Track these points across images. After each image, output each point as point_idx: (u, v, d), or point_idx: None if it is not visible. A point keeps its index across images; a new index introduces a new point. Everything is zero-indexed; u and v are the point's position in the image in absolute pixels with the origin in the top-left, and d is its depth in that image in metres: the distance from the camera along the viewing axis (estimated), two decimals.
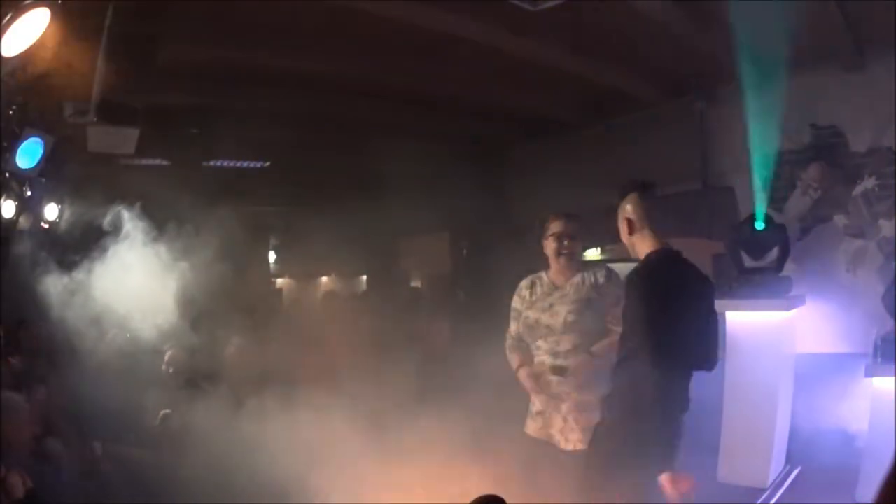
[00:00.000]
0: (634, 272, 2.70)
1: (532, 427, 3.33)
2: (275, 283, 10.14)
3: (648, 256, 2.69)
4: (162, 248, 4.39)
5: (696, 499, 3.16)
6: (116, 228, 4.42)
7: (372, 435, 3.83)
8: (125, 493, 4.09)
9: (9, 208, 4.42)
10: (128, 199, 4.51)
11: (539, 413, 3.31)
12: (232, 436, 3.92)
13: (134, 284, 4.30)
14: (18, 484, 3.06)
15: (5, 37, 2.60)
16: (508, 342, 3.45)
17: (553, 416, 3.24)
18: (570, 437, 3.18)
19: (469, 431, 3.65)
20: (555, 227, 3.34)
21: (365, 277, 10.06)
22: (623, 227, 2.78)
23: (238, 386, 4.55)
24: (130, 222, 4.42)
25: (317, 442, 3.69)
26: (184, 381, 4.56)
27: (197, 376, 4.61)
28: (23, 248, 4.44)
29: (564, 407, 3.21)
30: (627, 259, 2.97)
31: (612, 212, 2.89)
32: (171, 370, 4.61)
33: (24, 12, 2.60)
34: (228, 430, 3.98)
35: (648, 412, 2.51)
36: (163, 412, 4.38)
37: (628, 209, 2.77)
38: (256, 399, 4.13)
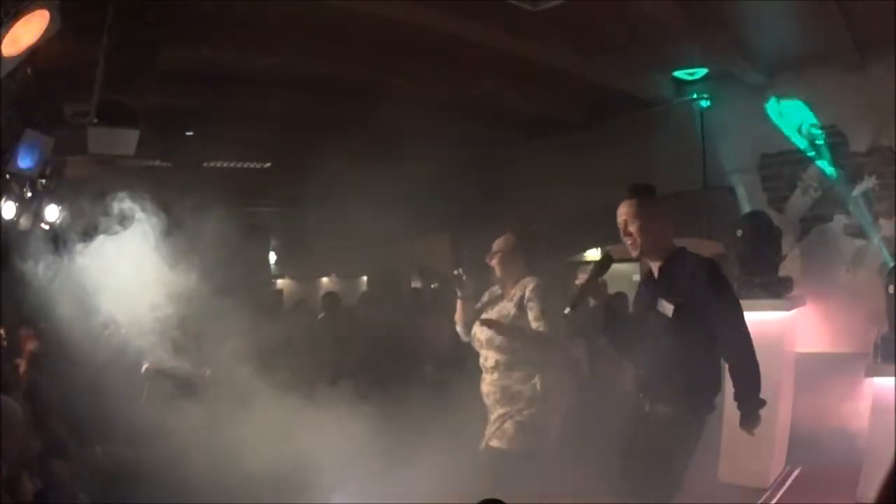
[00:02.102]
0: (702, 267, 2.79)
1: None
2: (275, 283, 10.13)
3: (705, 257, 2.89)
4: (161, 249, 4.39)
5: (697, 498, 3.16)
6: (116, 229, 4.41)
7: (372, 434, 3.82)
8: (124, 493, 4.08)
9: (9, 209, 4.42)
10: (127, 199, 4.51)
11: None
12: (230, 436, 3.92)
13: (133, 283, 4.30)
14: (28, 486, 3.05)
15: (6, 37, 2.60)
16: None
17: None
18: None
19: (470, 433, 3.64)
20: (494, 245, 3.62)
21: (365, 278, 10.06)
22: (639, 226, 2.80)
23: (235, 386, 4.55)
24: (130, 223, 4.41)
25: (318, 442, 3.69)
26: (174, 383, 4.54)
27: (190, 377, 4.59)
28: (22, 248, 4.43)
29: (491, 416, 3.47)
30: (627, 259, 2.98)
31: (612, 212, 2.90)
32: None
33: (24, 12, 2.60)
34: (227, 431, 3.98)
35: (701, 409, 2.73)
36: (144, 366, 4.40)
37: (627, 212, 2.83)
38: (256, 398, 4.13)
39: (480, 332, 3.45)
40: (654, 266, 2.87)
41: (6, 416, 3.11)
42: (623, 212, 2.83)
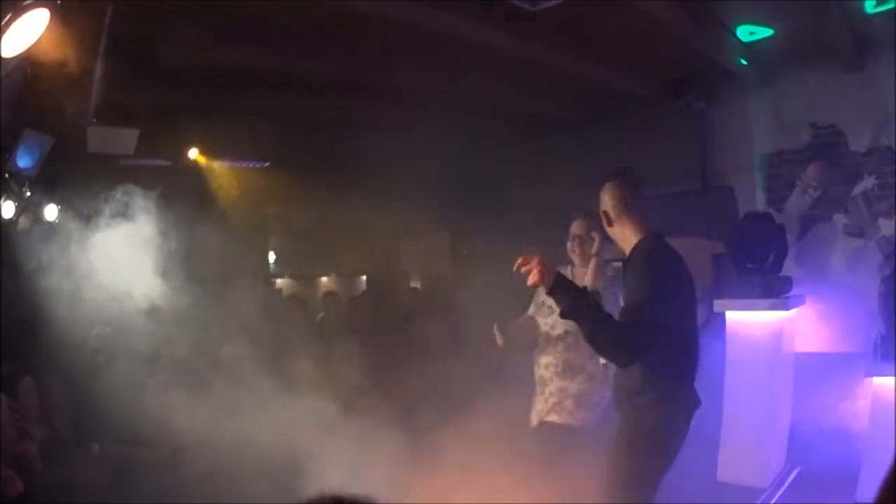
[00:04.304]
0: (630, 262, 2.60)
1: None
2: (274, 283, 10.13)
3: (640, 244, 2.61)
4: (161, 248, 4.39)
5: (697, 498, 3.14)
6: (114, 228, 4.42)
7: (372, 434, 3.82)
8: (123, 491, 4.09)
9: (8, 209, 4.42)
10: (126, 198, 4.51)
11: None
12: (231, 435, 3.92)
13: (131, 283, 4.31)
14: (14, 478, 3.04)
15: (5, 37, 2.60)
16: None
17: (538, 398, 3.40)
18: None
19: (469, 433, 3.64)
20: (572, 229, 3.44)
21: (365, 277, 10.06)
22: (603, 220, 2.69)
23: (237, 384, 4.55)
24: (129, 222, 4.41)
25: (317, 443, 3.69)
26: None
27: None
28: (21, 248, 4.44)
29: (547, 390, 3.37)
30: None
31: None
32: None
33: (23, 12, 2.60)
34: (228, 429, 3.98)
35: (664, 406, 2.52)
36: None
37: (605, 200, 2.69)
38: (257, 398, 4.13)
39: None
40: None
41: None
42: (604, 199, 2.70)
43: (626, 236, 2.66)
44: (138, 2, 3.75)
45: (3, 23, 2.55)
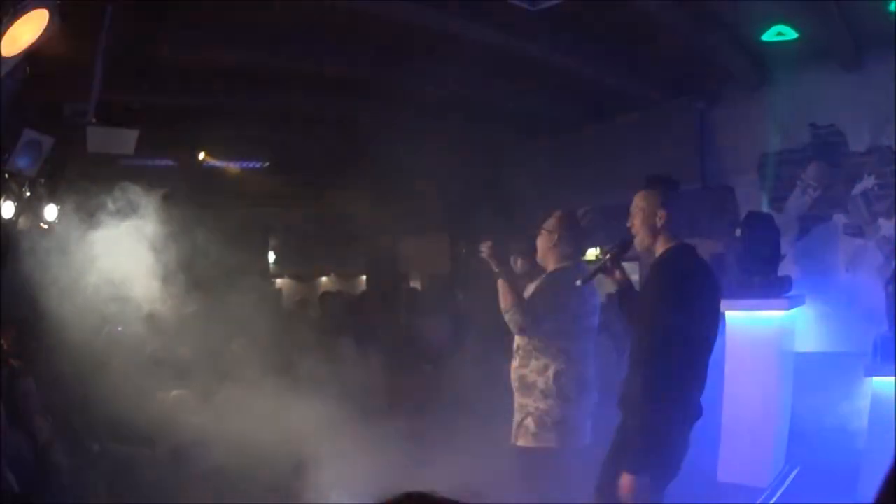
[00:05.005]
0: (662, 271, 2.64)
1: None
2: (274, 283, 10.14)
3: (671, 252, 2.66)
4: (161, 248, 4.39)
5: (697, 498, 3.14)
6: (114, 228, 4.42)
7: (370, 434, 3.82)
8: (124, 492, 4.09)
9: (8, 209, 4.42)
10: (126, 199, 4.51)
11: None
12: (231, 435, 3.92)
13: (132, 282, 4.31)
14: (10, 477, 3.05)
15: (5, 37, 2.60)
16: None
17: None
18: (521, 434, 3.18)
19: (469, 432, 3.64)
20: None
21: (364, 277, 10.07)
22: (641, 219, 2.70)
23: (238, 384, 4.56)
24: (128, 222, 4.42)
25: (317, 443, 3.70)
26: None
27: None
28: (21, 248, 4.43)
29: (515, 404, 3.26)
30: (628, 259, 2.96)
31: (613, 211, 2.85)
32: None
33: (24, 12, 2.60)
34: (228, 429, 3.99)
35: (668, 416, 2.50)
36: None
37: (655, 202, 2.69)
38: (257, 397, 4.14)
39: None
40: None
41: None
42: (654, 202, 2.72)
43: (659, 243, 2.70)
44: (138, 2, 3.75)
45: (3, 23, 2.55)
